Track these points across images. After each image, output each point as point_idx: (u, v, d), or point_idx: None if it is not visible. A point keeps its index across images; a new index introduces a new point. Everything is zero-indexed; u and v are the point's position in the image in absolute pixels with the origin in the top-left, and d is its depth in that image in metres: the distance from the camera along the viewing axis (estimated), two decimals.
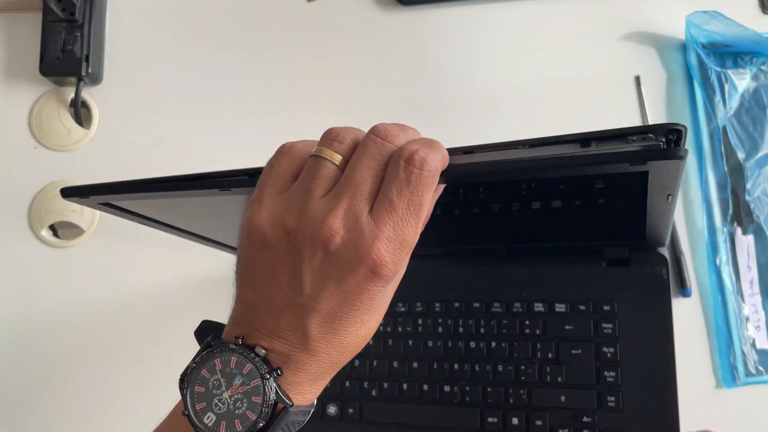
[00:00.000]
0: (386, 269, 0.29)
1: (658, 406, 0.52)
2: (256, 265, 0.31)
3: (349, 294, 0.30)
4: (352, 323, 0.31)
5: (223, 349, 0.30)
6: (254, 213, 0.31)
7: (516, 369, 0.55)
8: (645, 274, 0.55)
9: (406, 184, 0.29)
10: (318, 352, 0.30)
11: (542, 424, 0.53)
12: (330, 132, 0.32)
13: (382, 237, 0.29)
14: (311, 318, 0.30)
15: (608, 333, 0.54)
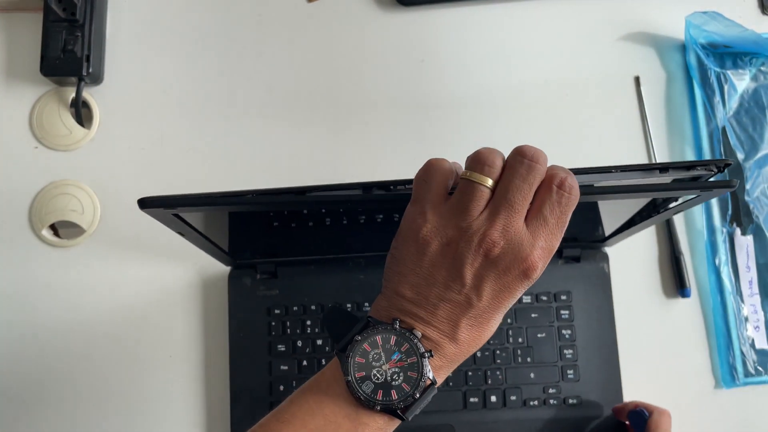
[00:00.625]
0: (535, 272, 0.35)
1: (606, 374, 0.63)
2: (415, 267, 0.36)
3: (499, 291, 0.35)
4: (491, 319, 0.36)
5: (385, 328, 0.36)
6: (420, 225, 0.36)
7: (492, 354, 0.63)
8: (592, 268, 0.65)
9: (558, 205, 0.35)
10: (461, 342, 0.36)
11: (516, 398, 0.62)
12: (479, 156, 0.36)
13: (537, 246, 0.35)
14: (466, 311, 0.35)
15: (566, 318, 0.64)
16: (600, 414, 0.62)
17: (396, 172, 0.68)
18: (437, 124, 0.70)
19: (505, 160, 0.36)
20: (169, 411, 0.64)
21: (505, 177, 0.35)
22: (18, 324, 0.65)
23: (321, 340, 0.62)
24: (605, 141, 0.70)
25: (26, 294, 0.66)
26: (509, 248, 0.34)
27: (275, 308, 0.63)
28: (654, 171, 0.39)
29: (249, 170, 0.68)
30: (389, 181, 0.40)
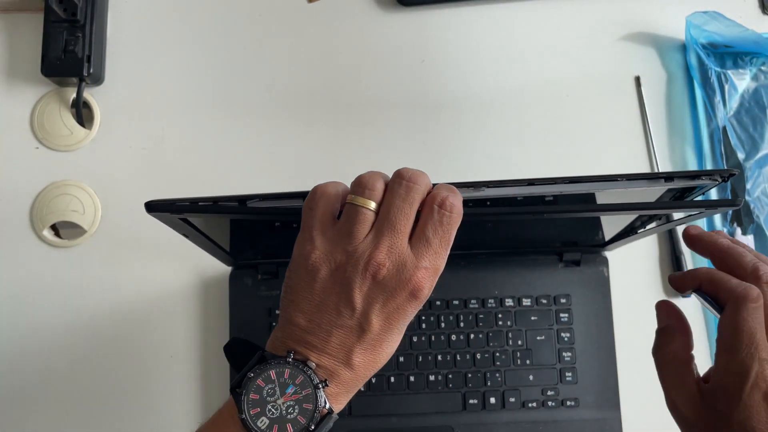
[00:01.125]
0: (423, 293, 0.35)
1: (603, 376, 0.63)
2: (307, 294, 0.36)
3: (390, 314, 0.36)
4: (386, 341, 0.36)
5: (278, 362, 0.35)
6: (309, 252, 0.36)
7: (492, 356, 0.63)
8: (592, 271, 0.65)
9: (440, 224, 0.35)
10: (357, 367, 0.36)
11: (515, 400, 0.62)
12: (361, 180, 0.37)
13: (421, 267, 0.35)
14: (358, 336, 0.36)
15: (565, 321, 0.64)
16: (598, 416, 0.62)
17: None
18: (437, 124, 0.70)
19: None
20: (170, 411, 0.64)
21: (386, 199, 0.36)
22: (19, 324, 0.65)
23: None
24: (605, 141, 0.70)
25: (27, 294, 0.66)
26: (395, 270, 0.35)
27: (276, 309, 0.63)
28: (659, 180, 0.39)
29: (249, 170, 0.68)
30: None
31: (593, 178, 0.39)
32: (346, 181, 0.38)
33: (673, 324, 0.41)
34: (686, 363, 0.40)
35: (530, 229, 0.62)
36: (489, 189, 0.39)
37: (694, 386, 0.39)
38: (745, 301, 0.36)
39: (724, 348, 0.37)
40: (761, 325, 0.36)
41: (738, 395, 0.35)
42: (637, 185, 0.40)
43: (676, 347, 0.40)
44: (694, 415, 0.38)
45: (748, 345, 0.35)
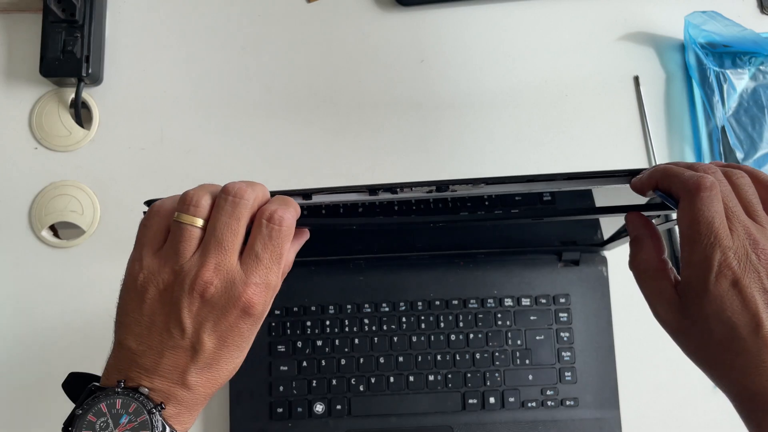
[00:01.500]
0: (256, 309, 0.35)
1: (602, 376, 0.63)
2: (137, 316, 0.35)
3: (224, 333, 0.35)
4: (224, 359, 0.35)
5: (108, 393, 0.33)
6: (136, 272, 0.35)
7: (491, 356, 0.63)
8: (591, 271, 0.65)
9: (269, 239, 0.35)
10: (195, 387, 0.35)
11: (514, 400, 0.62)
12: (185, 197, 0.36)
13: (251, 283, 0.34)
14: (192, 358, 0.34)
15: (564, 320, 0.64)
16: (597, 415, 0.62)
17: (395, 172, 0.68)
18: (436, 124, 0.70)
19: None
20: None
21: (213, 216, 0.35)
22: (18, 324, 0.65)
23: (321, 341, 0.62)
24: (605, 141, 0.70)
25: (26, 295, 0.66)
26: (223, 288, 0.34)
27: (275, 309, 0.63)
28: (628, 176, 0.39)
29: (249, 170, 0.68)
30: (396, 184, 0.40)
31: (591, 174, 0.39)
32: (343, 179, 0.38)
33: (641, 232, 0.40)
34: (659, 268, 0.38)
35: (529, 229, 0.62)
36: (488, 186, 0.39)
37: (671, 289, 0.37)
38: (698, 190, 0.34)
39: (684, 243, 0.35)
40: (719, 213, 0.34)
41: (705, 287, 0.34)
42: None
43: (647, 254, 0.39)
44: (674, 318, 0.37)
45: (707, 234, 0.33)
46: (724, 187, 0.35)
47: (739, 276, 0.33)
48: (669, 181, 0.36)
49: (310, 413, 0.61)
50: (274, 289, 0.36)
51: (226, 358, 0.35)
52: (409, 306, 0.64)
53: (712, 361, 0.35)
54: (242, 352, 0.36)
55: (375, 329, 0.63)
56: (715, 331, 0.34)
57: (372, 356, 0.63)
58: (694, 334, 0.36)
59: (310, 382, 0.62)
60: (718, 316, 0.34)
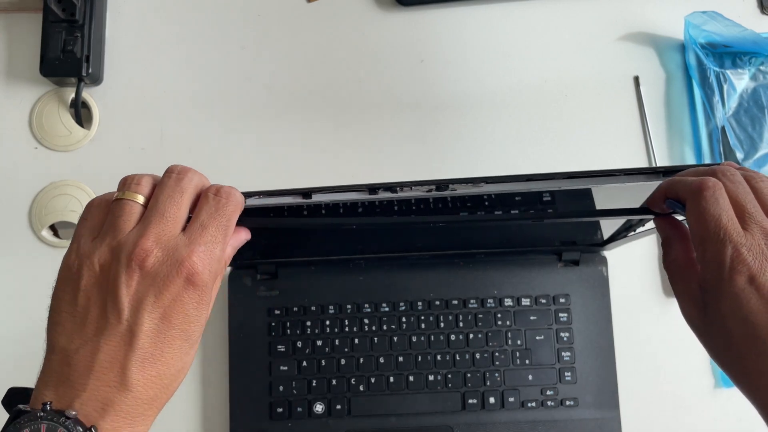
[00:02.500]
0: (200, 278, 0.32)
1: (602, 376, 0.63)
2: (69, 309, 0.32)
3: (167, 309, 0.31)
4: (169, 348, 0.32)
5: (31, 418, 0.29)
6: (71, 261, 0.33)
7: (491, 356, 0.63)
8: (591, 271, 0.65)
9: (215, 209, 0.34)
10: (135, 386, 0.31)
11: (514, 400, 0.62)
12: (126, 178, 0.35)
13: (196, 250, 0.32)
14: (130, 345, 0.31)
15: (564, 320, 0.64)
16: (596, 416, 0.62)
17: (395, 172, 0.69)
18: (437, 124, 0.70)
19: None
20: (169, 411, 0.64)
21: (155, 191, 0.34)
22: (18, 325, 0.65)
23: (321, 341, 0.62)
24: (605, 141, 0.70)
25: (26, 295, 0.66)
26: (165, 256, 0.31)
27: (275, 309, 0.63)
28: (656, 175, 0.39)
29: (249, 170, 0.68)
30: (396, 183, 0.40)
31: (591, 173, 0.39)
32: (343, 179, 0.38)
33: (669, 233, 0.39)
34: (687, 267, 0.38)
35: (529, 229, 0.62)
36: (487, 185, 0.39)
37: (696, 288, 0.36)
38: (701, 190, 0.34)
39: (696, 243, 0.35)
40: (726, 211, 0.34)
41: (719, 284, 0.33)
42: (634, 180, 0.39)
43: (676, 253, 0.39)
44: (698, 317, 0.36)
45: (715, 231, 0.33)
46: (739, 188, 0.35)
47: (755, 272, 0.32)
48: (675, 188, 0.37)
49: (310, 413, 0.61)
50: (218, 263, 0.33)
51: (172, 347, 0.32)
52: (409, 306, 0.64)
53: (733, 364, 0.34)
54: (189, 342, 0.33)
55: (375, 329, 0.63)
56: (734, 332, 0.33)
57: (372, 356, 0.63)
58: (715, 335, 0.35)
59: (310, 382, 0.62)
60: (735, 315, 0.33)
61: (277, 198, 0.39)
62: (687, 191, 0.35)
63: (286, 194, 0.39)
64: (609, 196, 0.45)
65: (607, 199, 0.49)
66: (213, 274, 0.33)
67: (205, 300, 0.33)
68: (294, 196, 0.39)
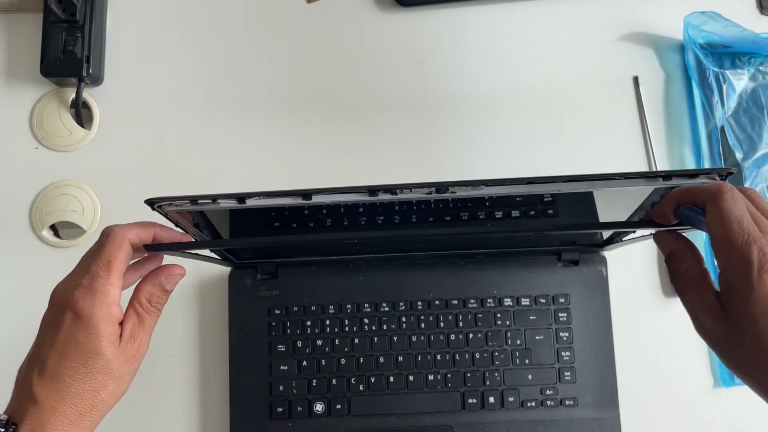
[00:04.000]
0: (82, 310, 0.37)
1: (602, 376, 0.63)
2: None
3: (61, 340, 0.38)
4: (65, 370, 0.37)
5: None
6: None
7: (491, 355, 0.63)
8: (590, 271, 0.65)
9: (96, 249, 0.39)
10: (40, 399, 0.37)
11: (514, 399, 0.63)
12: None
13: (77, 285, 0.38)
14: (34, 366, 0.38)
15: (563, 320, 0.64)
16: (596, 415, 0.62)
17: (395, 171, 0.69)
18: (436, 125, 0.70)
19: None
20: (169, 411, 0.64)
21: None
22: (18, 325, 0.65)
23: (321, 341, 0.63)
24: (604, 141, 0.70)
25: (27, 295, 0.66)
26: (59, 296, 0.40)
27: (275, 309, 0.63)
28: (657, 179, 0.39)
29: (248, 170, 0.69)
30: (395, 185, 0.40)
31: (591, 176, 0.39)
32: (344, 179, 0.38)
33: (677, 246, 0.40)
34: (701, 277, 0.38)
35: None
36: (488, 187, 0.39)
37: (713, 299, 0.36)
38: (721, 192, 0.35)
39: (719, 246, 0.35)
40: (745, 213, 0.34)
41: (748, 285, 0.33)
42: (635, 184, 0.39)
43: (688, 265, 0.39)
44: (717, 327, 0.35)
45: (739, 232, 0.34)
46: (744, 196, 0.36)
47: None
48: (690, 194, 0.37)
49: (310, 413, 0.62)
50: (102, 295, 0.38)
51: (68, 370, 0.37)
52: (408, 306, 0.64)
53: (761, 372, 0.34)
54: (86, 368, 0.38)
55: (375, 329, 0.63)
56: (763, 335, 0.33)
57: (372, 356, 0.63)
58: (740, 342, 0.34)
59: (310, 382, 0.62)
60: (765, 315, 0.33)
61: (277, 199, 0.39)
62: (706, 195, 0.36)
63: (286, 195, 0.39)
64: (609, 198, 0.45)
65: (608, 201, 0.49)
66: (96, 306, 0.38)
67: (94, 331, 0.38)
68: (294, 197, 0.39)
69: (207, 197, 0.39)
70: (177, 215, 0.42)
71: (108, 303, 0.38)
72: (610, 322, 0.64)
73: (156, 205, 0.39)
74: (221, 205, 0.39)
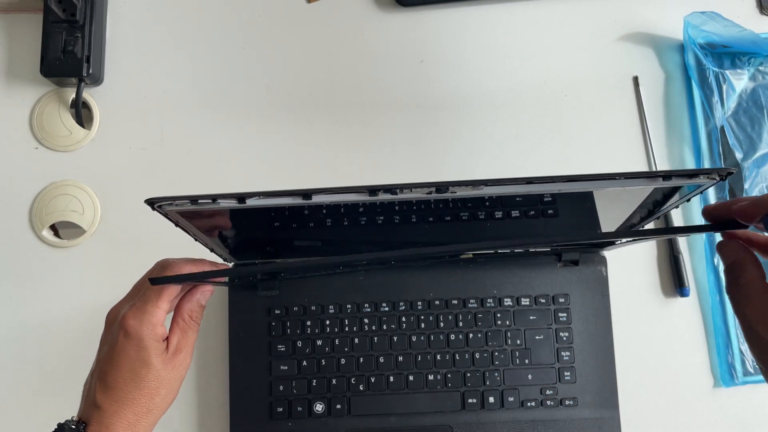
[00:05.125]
0: (131, 327, 0.43)
1: (602, 375, 0.63)
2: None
3: (114, 354, 0.43)
4: (120, 381, 0.43)
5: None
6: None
7: (491, 355, 0.63)
8: (590, 271, 0.65)
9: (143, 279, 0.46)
10: (101, 405, 0.42)
11: (514, 399, 0.62)
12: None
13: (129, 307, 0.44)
14: (93, 379, 0.44)
15: (563, 320, 0.64)
16: (596, 415, 0.62)
17: (396, 172, 0.69)
18: (436, 125, 0.70)
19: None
20: (169, 411, 0.64)
21: None
22: (18, 324, 0.65)
23: (321, 341, 0.63)
24: (604, 141, 0.70)
25: (27, 294, 0.66)
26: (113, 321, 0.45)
27: (275, 308, 0.63)
28: (657, 179, 0.39)
29: (248, 170, 0.69)
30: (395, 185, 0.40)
31: (592, 176, 0.39)
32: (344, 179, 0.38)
33: (740, 256, 0.39)
34: (763, 292, 0.37)
35: (528, 230, 0.62)
36: (488, 187, 0.39)
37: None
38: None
39: None
40: None
41: None
42: (635, 184, 0.39)
43: (750, 276, 0.37)
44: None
45: None
46: None
47: None
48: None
49: (310, 413, 0.62)
50: (150, 315, 0.43)
51: (124, 380, 0.43)
52: (408, 306, 0.64)
53: None
54: (139, 377, 0.43)
55: (375, 329, 0.63)
56: None
57: (372, 356, 0.63)
58: None
59: (310, 382, 0.62)
60: None
61: (277, 198, 0.39)
62: None
63: (286, 195, 0.39)
64: (609, 197, 0.45)
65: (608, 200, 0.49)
66: (144, 324, 0.43)
67: (143, 346, 0.43)
68: (294, 197, 0.39)
69: (207, 197, 0.39)
70: (177, 215, 0.42)
71: (154, 322, 0.43)
72: (610, 322, 0.64)
73: (156, 205, 0.39)
74: (221, 205, 0.39)
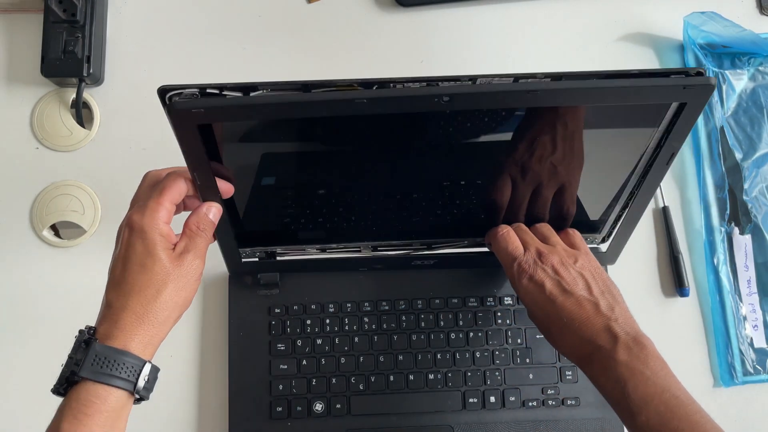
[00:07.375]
0: (135, 223, 0.45)
1: None
2: None
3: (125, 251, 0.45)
4: (129, 275, 0.45)
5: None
6: None
7: (491, 355, 0.63)
8: None
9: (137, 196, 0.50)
10: (111, 302, 0.45)
11: (515, 399, 0.62)
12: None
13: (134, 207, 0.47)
14: (107, 283, 0.46)
15: None
16: (598, 415, 0.62)
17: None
18: None
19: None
20: (169, 410, 0.64)
21: None
22: (18, 324, 0.65)
23: (321, 340, 0.63)
24: None
25: (27, 294, 0.66)
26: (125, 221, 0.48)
27: (275, 307, 0.63)
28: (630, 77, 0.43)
29: None
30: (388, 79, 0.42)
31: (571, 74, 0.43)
32: None
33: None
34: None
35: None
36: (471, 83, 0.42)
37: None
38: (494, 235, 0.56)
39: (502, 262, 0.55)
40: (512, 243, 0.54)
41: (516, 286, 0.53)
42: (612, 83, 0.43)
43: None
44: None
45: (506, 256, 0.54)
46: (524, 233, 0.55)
47: (531, 273, 0.52)
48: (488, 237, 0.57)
49: (310, 412, 0.61)
50: (152, 210, 0.46)
51: (131, 272, 0.45)
52: (408, 305, 0.64)
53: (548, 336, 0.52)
54: (144, 267, 0.45)
55: (375, 328, 0.63)
56: (536, 314, 0.52)
57: (372, 355, 0.63)
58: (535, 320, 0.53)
59: (310, 381, 0.62)
60: (530, 301, 0.52)
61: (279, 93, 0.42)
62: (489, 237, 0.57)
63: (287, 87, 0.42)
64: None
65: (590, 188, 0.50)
66: (147, 219, 0.45)
67: (146, 238, 0.45)
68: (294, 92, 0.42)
69: (214, 86, 0.43)
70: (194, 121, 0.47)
71: (157, 217, 0.45)
72: None
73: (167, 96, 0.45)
74: (227, 97, 0.42)
